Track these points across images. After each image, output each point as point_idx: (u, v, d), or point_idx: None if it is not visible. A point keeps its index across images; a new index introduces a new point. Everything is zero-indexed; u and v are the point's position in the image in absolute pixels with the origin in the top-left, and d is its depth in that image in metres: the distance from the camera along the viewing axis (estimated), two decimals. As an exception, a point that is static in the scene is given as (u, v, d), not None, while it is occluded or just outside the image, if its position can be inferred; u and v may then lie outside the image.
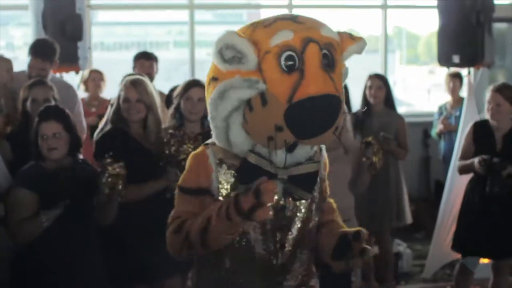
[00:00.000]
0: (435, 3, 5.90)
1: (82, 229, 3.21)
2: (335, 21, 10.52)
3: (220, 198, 2.03)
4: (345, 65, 2.02)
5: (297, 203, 2.11)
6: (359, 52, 2.02)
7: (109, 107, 3.81)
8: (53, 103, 3.70)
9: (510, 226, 4.27)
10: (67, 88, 4.87)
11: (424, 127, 7.28)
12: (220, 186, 2.04)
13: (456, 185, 5.19)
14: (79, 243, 3.19)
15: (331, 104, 1.88)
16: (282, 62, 1.86)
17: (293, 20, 1.94)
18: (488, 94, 4.37)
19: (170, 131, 3.59)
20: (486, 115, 4.41)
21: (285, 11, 7.53)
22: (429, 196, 7.23)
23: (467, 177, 4.51)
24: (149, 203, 3.51)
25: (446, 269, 5.59)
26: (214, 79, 1.99)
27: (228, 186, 2.04)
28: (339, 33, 1.99)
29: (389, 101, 5.06)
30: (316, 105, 1.85)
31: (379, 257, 5.22)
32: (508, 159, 4.20)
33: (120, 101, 3.64)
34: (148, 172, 3.55)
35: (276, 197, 1.93)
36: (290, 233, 2.11)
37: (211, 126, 2.04)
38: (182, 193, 2.09)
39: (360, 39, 2.01)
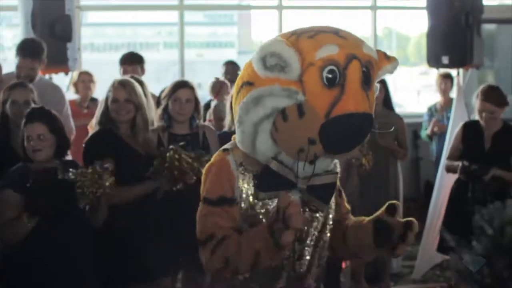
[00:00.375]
0: (424, 4, 5.92)
1: (74, 230, 3.18)
2: (325, 22, 10.51)
3: (243, 204, 2.00)
4: (376, 83, 2.00)
5: (314, 213, 2.08)
6: (392, 72, 2.02)
7: (99, 105, 3.77)
8: (32, 105, 3.67)
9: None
10: (55, 90, 4.84)
11: (414, 128, 7.28)
12: (242, 192, 2.01)
13: (445, 186, 5.20)
14: (71, 243, 3.16)
15: (366, 122, 1.89)
16: (324, 76, 1.85)
17: (336, 34, 1.92)
18: (477, 103, 4.35)
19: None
20: (478, 118, 4.40)
21: (275, 12, 7.54)
22: (419, 197, 7.24)
23: (456, 178, 4.51)
24: (142, 204, 3.50)
25: (435, 270, 5.60)
26: (249, 83, 1.95)
27: (248, 191, 2.01)
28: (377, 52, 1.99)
29: (387, 102, 5.03)
30: (353, 122, 1.85)
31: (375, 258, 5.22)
32: (494, 159, 4.21)
33: (108, 102, 3.62)
34: (137, 172, 3.53)
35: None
36: (307, 243, 2.09)
37: (237, 129, 2.00)
38: (207, 205, 2.02)
39: (394, 59, 2.01)
